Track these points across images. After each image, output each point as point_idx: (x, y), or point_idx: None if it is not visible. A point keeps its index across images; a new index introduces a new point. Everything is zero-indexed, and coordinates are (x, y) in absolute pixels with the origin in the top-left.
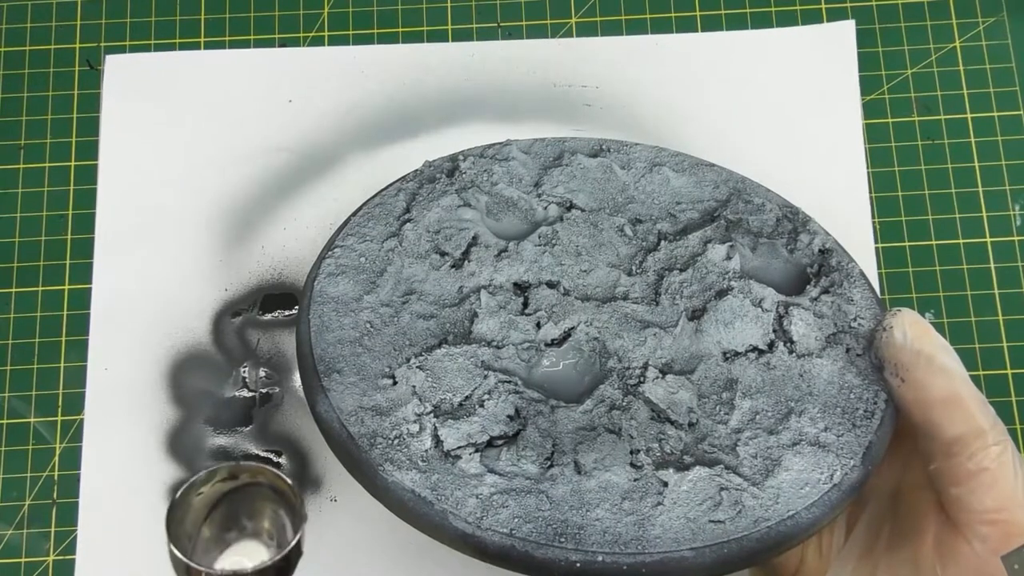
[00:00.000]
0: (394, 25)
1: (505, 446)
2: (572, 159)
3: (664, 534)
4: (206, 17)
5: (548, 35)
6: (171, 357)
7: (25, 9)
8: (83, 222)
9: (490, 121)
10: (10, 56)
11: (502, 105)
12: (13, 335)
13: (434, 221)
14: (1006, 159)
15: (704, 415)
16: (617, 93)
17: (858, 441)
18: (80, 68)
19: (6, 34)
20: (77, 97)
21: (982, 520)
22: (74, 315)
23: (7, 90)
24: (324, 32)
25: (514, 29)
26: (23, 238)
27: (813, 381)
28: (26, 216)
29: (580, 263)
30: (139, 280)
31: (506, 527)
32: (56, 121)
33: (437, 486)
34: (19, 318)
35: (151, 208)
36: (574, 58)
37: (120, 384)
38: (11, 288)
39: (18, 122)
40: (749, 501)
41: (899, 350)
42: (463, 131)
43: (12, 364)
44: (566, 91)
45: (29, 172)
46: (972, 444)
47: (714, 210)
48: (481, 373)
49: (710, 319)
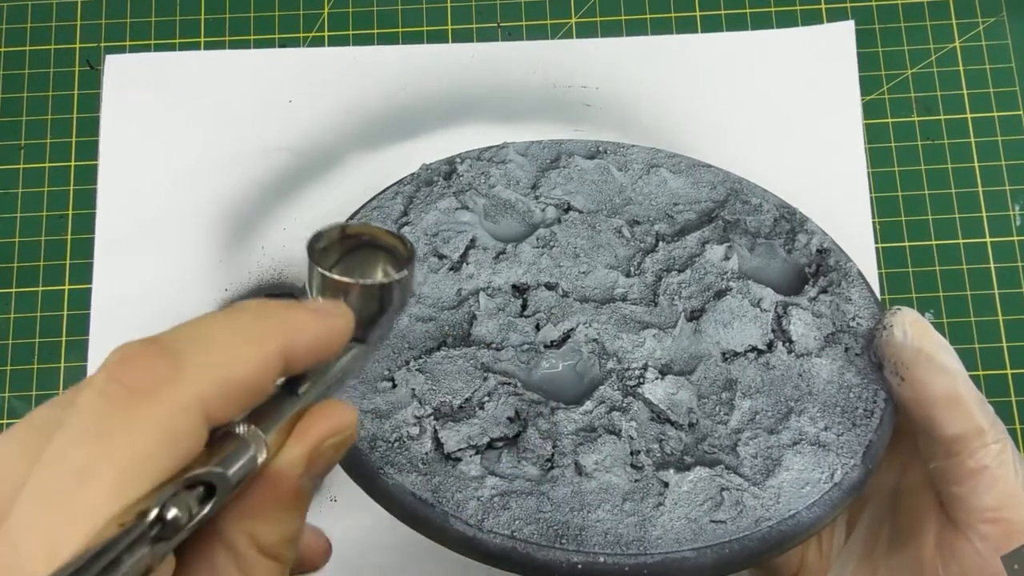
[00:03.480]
0: (394, 25)
1: (505, 448)
2: (569, 161)
3: (665, 535)
4: (206, 17)
5: (548, 35)
6: None
7: (25, 9)
8: (83, 222)
9: (490, 121)
10: (10, 56)
11: (502, 106)
12: (13, 335)
13: (432, 224)
14: (1006, 159)
15: (704, 415)
16: (616, 94)
17: (858, 440)
18: (80, 68)
19: (6, 34)
20: (77, 97)
21: (983, 519)
22: (74, 315)
23: (7, 90)
24: (324, 32)
25: (514, 29)
26: (23, 238)
27: (812, 381)
28: (26, 216)
29: (578, 265)
30: (139, 280)
31: (507, 529)
32: (56, 121)
33: (438, 488)
34: (19, 318)
35: (151, 208)
36: (574, 58)
37: None
38: (11, 288)
39: (18, 122)
40: (750, 501)
41: (899, 349)
42: (463, 131)
43: (12, 364)
44: (566, 91)
45: (29, 172)
46: (972, 443)
47: (712, 211)
48: (481, 375)
49: (709, 319)
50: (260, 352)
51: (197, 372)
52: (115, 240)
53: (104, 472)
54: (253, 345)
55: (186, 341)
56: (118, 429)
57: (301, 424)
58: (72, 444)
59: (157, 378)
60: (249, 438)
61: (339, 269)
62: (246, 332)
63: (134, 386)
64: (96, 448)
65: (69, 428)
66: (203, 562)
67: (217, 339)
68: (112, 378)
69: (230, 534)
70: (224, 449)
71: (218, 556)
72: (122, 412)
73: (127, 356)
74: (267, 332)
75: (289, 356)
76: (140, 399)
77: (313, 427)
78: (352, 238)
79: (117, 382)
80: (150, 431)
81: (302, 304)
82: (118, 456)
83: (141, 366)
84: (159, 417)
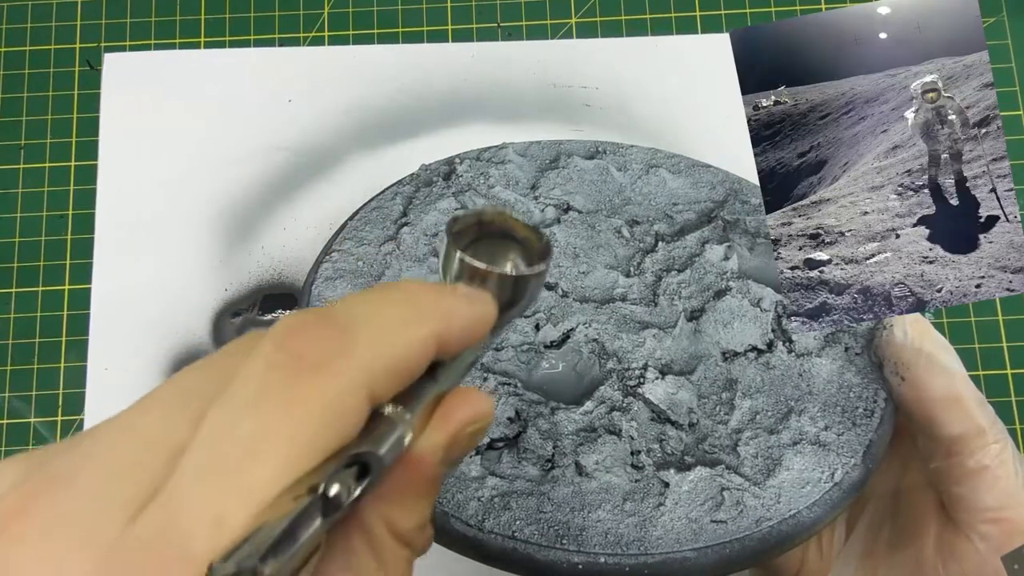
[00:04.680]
0: (394, 25)
1: (506, 448)
2: (568, 161)
3: (666, 535)
4: (206, 17)
5: (548, 35)
6: (171, 357)
7: (25, 9)
8: (83, 222)
9: (490, 121)
10: (10, 56)
11: (502, 105)
12: (13, 335)
13: (431, 224)
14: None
15: (704, 415)
16: (616, 93)
17: (858, 440)
18: (80, 68)
19: (6, 34)
20: (77, 97)
21: (983, 518)
22: (74, 315)
23: (7, 90)
24: (324, 32)
25: (514, 29)
26: (23, 238)
27: (812, 380)
28: (26, 216)
29: (578, 265)
30: (139, 280)
31: (508, 529)
32: (56, 121)
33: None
34: (19, 318)
35: (151, 208)
36: (574, 58)
37: (120, 384)
38: (11, 288)
39: (18, 122)
40: (750, 501)
41: (899, 348)
42: (463, 131)
43: (12, 364)
44: (566, 91)
45: (29, 172)
46: (972, 442)
47: (711, 211)
48: (481, 375)
49: (709, 319)
50: (422, 333)
51: (367, 349)
52: (115, 240)
53: (273, 445)
54: (417, 326)
55: (356, 316)
56: (288, 402)
57: (442, 409)
58: (239, 415)
59: (328, 351)
60: (398, 420)
61: (469, 255)
62: (410, 313)
63: (305, 358)
64: (265, 420)
65: (234, 398)
66: (340, 545)
67: (386, 317)
68: (281, 348)
69: (368, 518)
70: (377, 429)
71: (354, 540)
72: (292, 384)
73: (297, 326)
74: (428, 315)
75: (443, 340)
76: (310, 372)
77: (455, 413)
78: (486, 225)
79: (287, 352)
80: (320, 406)
81: (452, 289)
82: (288, 430)
83: (312, 338)
84: (329, 392)
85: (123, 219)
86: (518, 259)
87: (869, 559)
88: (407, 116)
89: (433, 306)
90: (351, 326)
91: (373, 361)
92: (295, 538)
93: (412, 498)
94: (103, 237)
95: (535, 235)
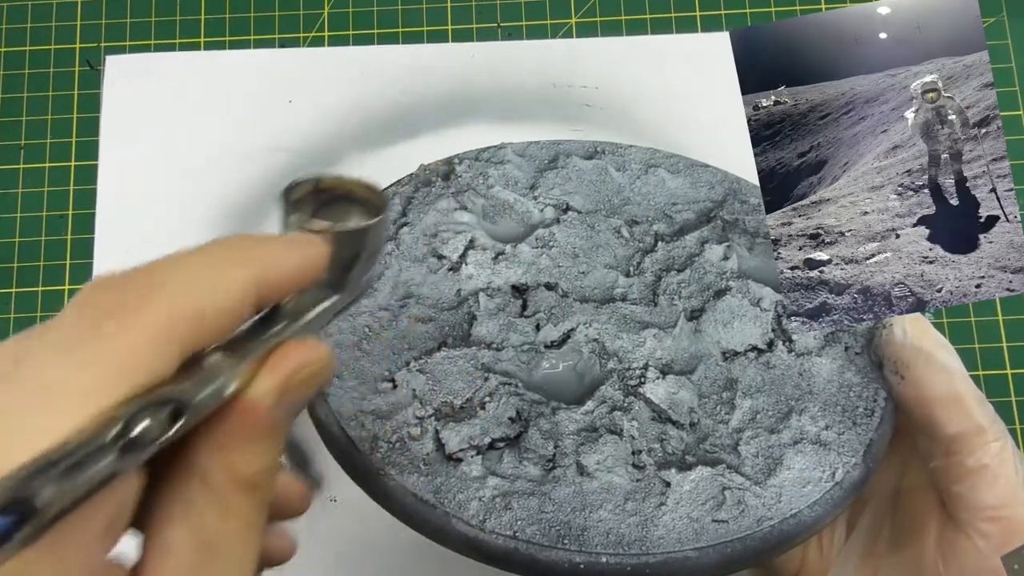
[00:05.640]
0: (394, 25)
1: (507, 448)
2: (567, 161)
3: (667, 534)
4: (206, 17)
5: (548, 35)
6: None
7: (25, 9)
8: (83, 222)
9: (490, 121)
10: (10, 56)
11: (502, 105)
12: (13, 335)
13: (431, 224)
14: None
15: (705, 415)
16: (616, 94)
17: (859, 439)
18: (80, 68)
19: (6, 34)
20: (77, 97)
21: (984, 517)
22: None
23: (7, 90)
24: (324, 32)
25: (514, 29)
26: (23, 238)
27: (813, 380)
28: (26, 216)
29: (578, 265)
30: None
31: (509, 529)
32: (56, 121)
33: (439, 489)
34: (19, 318)
35: (151, 208)
36: (574, 58)
37: None
38: (11, 288)
39: (18, 122)
40: (752, 500)
41: (899, 347)
42: (463, 131)
43: None
44: (566, 91)
45: (29, 172)
46: (972, 441)
47: (710, 211)
48: (481, 375)
49: (709, 319)
50: (233, 280)
51: (169, 298)
52: (115, 240)
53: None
54: (227, 273)
55: (164, 266)
56: (85, 348)
57: (273, 357)
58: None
59: (128, 302)
60: (217, 365)
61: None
62: (220, 261)
63: (105, 309)
64: (63, 365)
65: (41, 348)
66: (178, 494)
67: (190, 267)
68: (84, 302)
69: (204, 463)
70: (194, 375)
71: (193, 487)
72: (91, 333)
73: (104, 279)
74: (241, 261)
75: (263, 285)
76: (110, 321)
77: (285, 359)
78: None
79: (89, 305)
80: (117, 351)
81: (276, 236)
82: (83, 373)
83: (113, 289)
84: (127, 339)
85: (123, 219)
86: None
87: (869, 558)
88: (407, 116)
89: (251, 252)
90: (155, 274)
91: (177, 308)
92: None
93: (249, 443)
94: (103, 237)
95: (373, 193)
